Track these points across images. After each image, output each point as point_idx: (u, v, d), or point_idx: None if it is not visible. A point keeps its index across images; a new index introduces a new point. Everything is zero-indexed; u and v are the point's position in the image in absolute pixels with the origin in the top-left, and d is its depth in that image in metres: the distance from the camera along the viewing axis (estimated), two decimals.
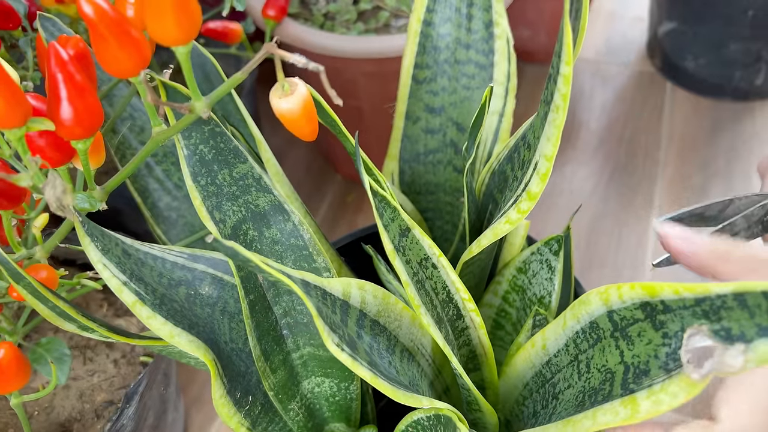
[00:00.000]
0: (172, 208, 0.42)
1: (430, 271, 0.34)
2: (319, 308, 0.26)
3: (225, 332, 0.34)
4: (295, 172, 0.76)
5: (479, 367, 0.39)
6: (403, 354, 0.36)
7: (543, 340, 0.35)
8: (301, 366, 0.37)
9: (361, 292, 0.31)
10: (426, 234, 0.33)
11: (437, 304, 0.34)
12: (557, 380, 0.35)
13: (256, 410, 0.36)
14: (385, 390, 0.29)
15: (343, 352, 0.27)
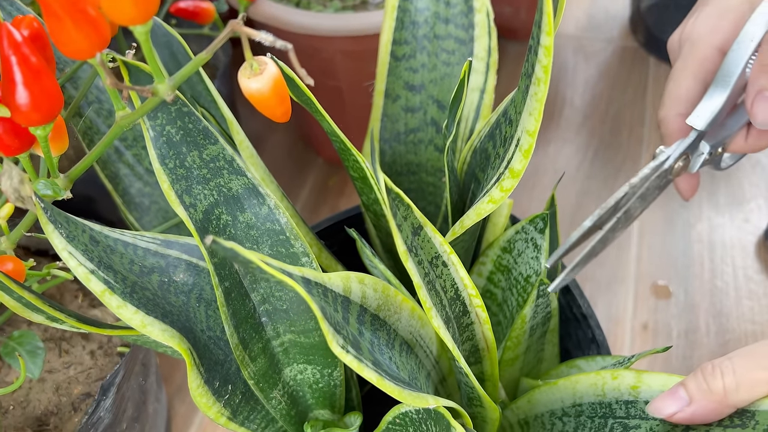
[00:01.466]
0: (145, 194, 0.41)
1: (440, 269, 0.33)
2: (323, 308, 0.25)
3: (201, 320, 0.33)
4: (275, 157, 0.75)
5: (480, 361, 0.39)
6: (402, 347, 0.35)
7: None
8: (282, 353, 0.36)
9: (361, 287, 0.30)
10: (436, 231, 0.32)
11: (445, 303, 0.34)
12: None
13: (236, 399, 0.35)
14: (392, 392, 0.28)
15: (348, 354, 0.26)
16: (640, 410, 0.33)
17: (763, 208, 0.68)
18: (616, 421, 0.34)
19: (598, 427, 0.34)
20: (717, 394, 0.28)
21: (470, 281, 0.33)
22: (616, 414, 0.34)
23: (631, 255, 0.66)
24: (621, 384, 0.34)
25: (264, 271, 0.23)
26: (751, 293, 0.62)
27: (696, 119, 0.36)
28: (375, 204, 0.39)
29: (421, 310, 0.35)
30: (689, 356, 0.59)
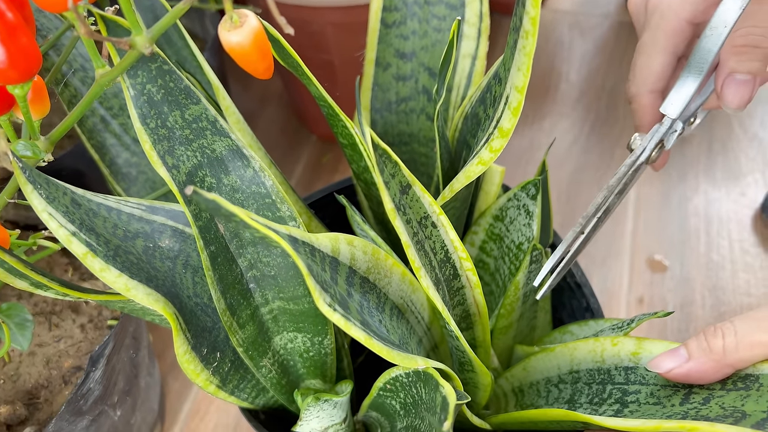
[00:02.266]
0: (132, 164, 0.40)
1: (429, 230, 0.33)
2: (309, 266, 0.25)
3: (188, 286, 0.33)
4: (268, 134, 0.74)
5: (471, 326, 0.38)
6: (392, 311, 0.35)
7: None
8: (272, 321, 0.36)
9: (350, 248, 0.30)
10: (425, 190, 0.32)
11: (435, 265, 0.33)
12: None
13: (225, 367, 0.35)
14: (380, 351, 0.27)
15: (336, 312, 0.25)
16: (640, 376, 0.33)
17: (760, 182, 0.68)
18: (615, 387, 0.33)
19: (596, 393, 0.34)
20: (716, 353, 0.28)
21: (460, 243, 0.33)
22: (615, 380, 0.33)
23: (626, 229, 0.65)
24: (621, 350, 0.33)
25: (248, 226, 0.22)
26: (747, 266, 0.62)
27: (670, 107, 0.35)
28: (365, 172, 0.39)
29: (411, 275, 0.35)
30: (684, 329, 0.58)
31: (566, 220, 0.66)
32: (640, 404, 0.32)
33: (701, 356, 0.29)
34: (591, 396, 0.34)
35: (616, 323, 0.37)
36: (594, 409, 0.33)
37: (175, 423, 0.55)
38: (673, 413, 0.29)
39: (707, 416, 0.27)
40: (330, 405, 0.35)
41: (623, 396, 0.33)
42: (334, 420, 0.36)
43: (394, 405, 0.35)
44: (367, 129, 0.26)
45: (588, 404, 0.34)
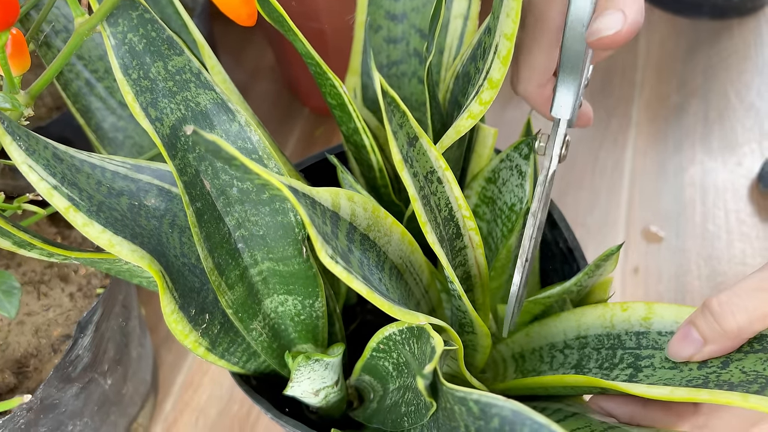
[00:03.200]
0: (118, 128, 0.39)
1: (435, 185, 0.32)
2: (311, 217, 0.24)
3: (175, 246, 0.32)
4: (260, 107, 0.73)
5: (472, 289, 0.38)
6: (392, 271, 0.34)
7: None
8: (261, 283, 0.35)
9: (350, 204, 0.29)
10: (432, 144, 0.31)
11: (440, 222, 0.33)
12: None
13: (214, 329, 0.35)
14: (382, 305, 0.27)
15: (338, 264, 0.25)
16: (652, 341, 0.32)
17: (756, 152, 0.67)
18: (626, 352, 0.33)
19: (606, 358, 0.34)
20: (731, 333, 0.28)
21: (464, 201, 0.33)
22: (626, 345, 0.33)
23: (622, 199, 0.65)
24: (631, 315, 0.33)
25: (249, 170, 0.21)
26: (743, 236, 0.62)
27: (561, 111, 0.34)
28: (355, 134, 0.38)
29: (410, 235, 0.34)
30: (680, 299, 0.58)
31: (561, 191, 0.65)
32: (655, 368, 0.31)
33: (718, 339, 0.28)
34: (600, 361, 0.34)
35: (590, 269, 0.36)
36: (605, 374, 0.33)
37: (168, 395, 0.55)
38: (693, 377, 0.28)
39: (730, 382, 0.27)
40: (321, 366, 0.34)
41: (636, 361, 0.32)
42: (325, 382, 0.36)
43: (387, 366, 0.35)
44: (376, 74, 0.26)
45: (598, 369, 0.34)
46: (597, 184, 0.66)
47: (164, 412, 0.54)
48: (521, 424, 0.20)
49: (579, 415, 0.34)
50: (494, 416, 0.21)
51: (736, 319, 0.27)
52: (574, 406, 0.36)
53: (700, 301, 0.58)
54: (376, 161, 0.38)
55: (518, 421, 0.21)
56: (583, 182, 0.66)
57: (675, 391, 0.27)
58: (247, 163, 0.21)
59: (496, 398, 0.21)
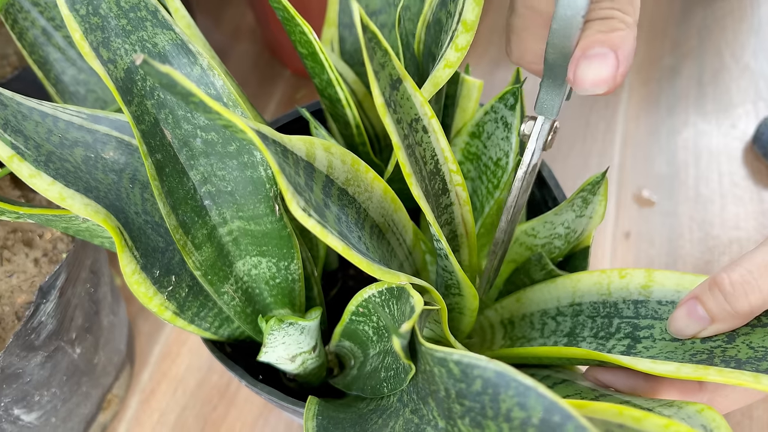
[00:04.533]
0: (80, 81, 0.37)
1: (420, 135, 0.29)
2: (281, 165, 0.22)
3: (136, 203, 0.30)
4: (240, 69, 0.70)
5: (458, 249, 0.36)
6: (372, 230, 0.32)
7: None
8: (232, 243, 0.33)
9: (327, 155, 0.27)
10: (417, 88, 0.28)
11: (425, 175, 0.30)
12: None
13: (182, 292, 0.33)
14: (360, 263, 0.25)
15: (311, 218, 0.23)
16: (651, 310, 0.30)
17: (751, 114, 0.65)
18: (623, 321, 0.31)
19: (601, 326, 0.32)
20: (744, 314, 0.26)
21: (451, 154, 0.30)
22: (623, 314, 0.31)
23: (613, 163, 0.63)
24: (630, 283, 0.31)
25: (210, 109, 0.19)
26: (736, 199, 0.60)
27: (545, 110, 0.32)
28: (329, 87, 0.36)
29: (393, 192, 0.32)
30: (672, 264, 0.57)
31: (552, 154, 0.63)
32: (655, 340, 0.29)
33: (727, 319, 0.26)
34: (595, 330, 0.32)
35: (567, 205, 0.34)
36: (600, 344, 0.31)
37: (145, 365, 0.53)
38: (696, 351, 0.27)
39: (737, 358, 0.25)
40: (296, 330, 0.32)
41: (634, 331, 0.30)
42: (302, 347, 0.34)
43: (367, 331, 0.33)
44: (355, 6, 0.23)
45: (592, 338, 0.32)
46: (588, 149, 0.64)
47: (141, 382, 0.52)
48: (506, 387, 0.19)
49: (569, 382, 0.33)
50: (476, 378, 0.19)
51: (750, 300, 0.25)
52: (564, 373, 0.34)
53: (693, 265, 0.56)
54: (353, 116, 0.36)
55: (502, 383, 0.19)
56: (573, 147, 0.64)
57: (681, 368, 0.25)
58: (207, 100, 0.19)
59: (479, 358, 0.19)
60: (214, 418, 0.51)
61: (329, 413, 0.30)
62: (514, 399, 0.18)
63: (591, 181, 0.32)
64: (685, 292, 0.30)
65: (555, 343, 0.33)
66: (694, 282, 0.30)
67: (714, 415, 0.23)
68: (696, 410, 0.23)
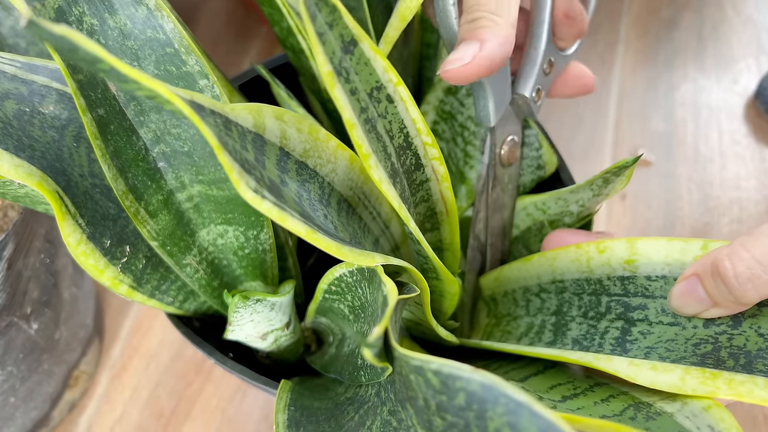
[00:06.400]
0: (18, 33, 0.33)
1: (384, 105, 0.25)
2: (223, 140, 0.19)
3: (81, 164, 0.27)
4: (213, 27, 0.66)
5: (437, 227, 0.32)
6: (340, 206, 0.28)
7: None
8: (193, 210, 0.30)
9: (279, 124, 0.23)
10: (378, 51, 0.25)
11: (392, 152, 0.27)
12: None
13: (138, 264, 0.29)
14: (327, 246, 0.21)
15: (265, 200, 0.19)
16: (641, 287, 0.27)
17: (753, 69, 0.62)
18: (612, 300, 0.28)
19: (590, 305, 0.29)
20: (749, 304, 0.23)
21: (425, 125, 0.27)
22: (611, 291, 0.28)
23: (608, 121, 0.60)
24: (611, 258, 0.28)
25: (124, 77, 0.16)
26: (737, 158, 0.57)
27: (482, 117, 0.31)
28: (290, 36, 0.32)
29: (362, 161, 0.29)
30: (670, 226, 0.54)
31: (543, 115, 0.60)
32: (651, 324, 0.26)
33: (731, 306, 0.24)
34: (584, 309, 0.29)
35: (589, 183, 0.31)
36: (592, 326, 0.28)
37: (115, 339, 0.50)
38: (700, 340, 0.24)
39: (746, 350, 0.22)
40: (265, 306, 0.29)
41: (626, 312, 0.27)
42: (273, 324, 0.31)
43: (343, 309, 0.30)
44: None
45: (582, 318, 0.29)
46: (582, 106, 0.61)
47: (111, 358, 0.49)
48: (493, 402, 0.16)
49: (560, 367, 0.30)
50: (459, 391, 0.16)
51: (759, 293, 0.22)
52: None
53: (691, 227, 0.54)
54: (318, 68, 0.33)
55: (490, 399, 0.16)
56: (566, 104, 0.61)
57: (687, 380, 0.22)
58: (120, 66, 0.15)
59: (461, 368, 0.16)
60: (189, 394, 0.48)
61: (303, 402, 0.27)
62: (503, 418, 0.15)
63: (620, 164, 0.29)
64: (676, 264, 0.26)
65: (542, 321, 0.30)
66: (684, 250, 0.26)
67: (722, 414, 0.20)
68: (702, 407, 0.21)
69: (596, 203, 0.32)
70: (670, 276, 0.26)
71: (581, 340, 0.27)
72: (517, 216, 0.35)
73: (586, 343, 0.27)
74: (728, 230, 0.53)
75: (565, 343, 0.28)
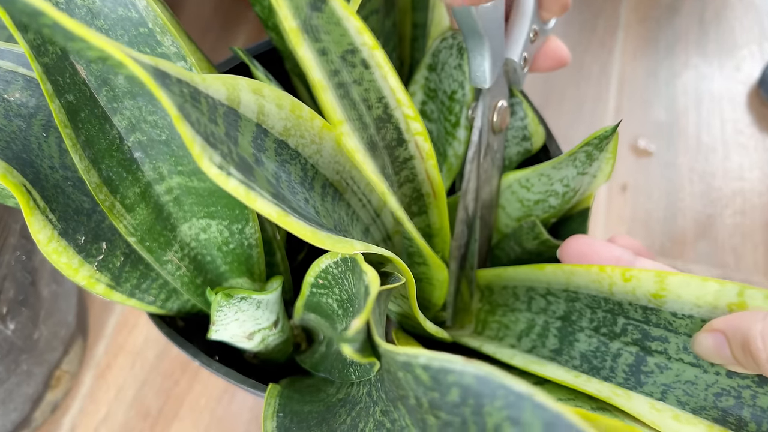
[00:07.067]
0: None
1: (359, 71, 0.23)
2: (185, 110, 0.17)
3: (52, 155, 0.25)
4: (200, 14, 0.64)
5: (425, 210, 0.30)
6: (325, 190, 0.26)
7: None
8: (173, 204, 0.28)
9: (257, 98, 0.21)
10: (351, 11, 0.22)
11: (369, 123, 0.25)
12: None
13: (116, 262, 0.28)
14: (300, 230, 0.19)
15: (231, 177, 0.17)
16: (664, 320, 0.25)
17: (756, 55, 0.61)
18: (630, 323, 0.26)
19: (604, 321, 0.27)
20: None
21: (406, 94, 0.25)
22: (630, 315, 0.26)
23: (608, 109, 0.58)
24: (636, 289, 0.25)
25: (71, 34, 0.14)
26: (740, 147, 0.56)
27: (478, 79, 0.30)
28: (272, 15, 0.30)
29: None
30: (671, 217, 0.52)
31: (543, 101, 0.58)
32: (670, 358, 0.25)
33: (756, 371, 0.22)
34: (596, 324, 0.27)
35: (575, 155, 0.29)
36: (603, 342, 0.26)
37: (99, 337, 0.48)
38: (721, 390, 0.22)
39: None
40: (250, 305, 0.28)
41: (644, 340, 0.25)
42: (260, 324, 0.30)
43: (331, 304, 0.28)
44: None
45: (592, 332, 0.27)
46: (582, 93, 0.59)
47: (95, 356, 0.48)
48: (491, 396, 0.14)
49: None
50: (452, 386, 0.15)
51: None
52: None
53: (693, 219, 0.52)
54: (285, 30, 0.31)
55: (486, 392, 0.14)
56: (566, 91, 0.59)
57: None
58: (63, 20, 0.13)
59: (452, 362, 0.14)
60: (176, 393, 0.47)
61: (292, 406, 0.25)
62: (503, 412, 0.14)
63: (598, 134, 0.27)
64: (707, 308, 0.24)
65: (546, 322, 0.29)
66: (718, 294, 0.23)
67: None
68: None
69: (584, 185, 0.31)
70: (698, 317, 0.24)
71: (590, 357, 0.26)
72: (502, 195, 0.34)
73: (596, 363, 0.25)
74: (731, 222, 0.52)
75: (573, 356, 0.26)
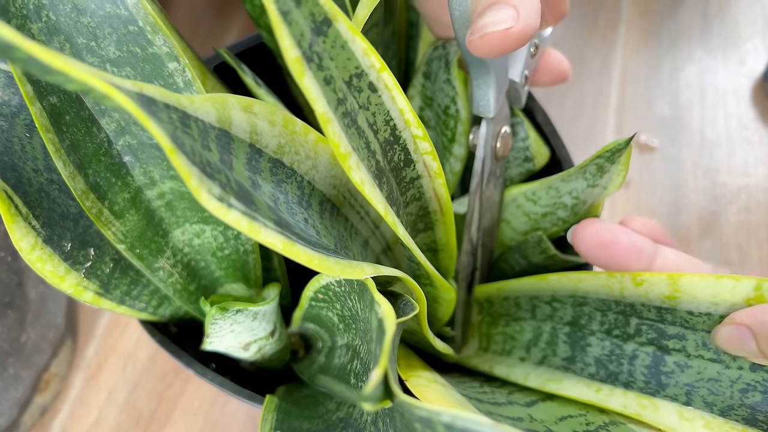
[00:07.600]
0: None
1: (365, 95, 0.22)
2: (178, 139, 0.15)
3: (36, 157, 0.23)
4: (191, 7, 0.62)
5: (431, 227, 0.29)
6: (323, 207, 0.25)
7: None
8: (166, 209, 0.27)
9: (248, 117, 0.20)
10: (357, 32, 0.21)
11: (376, 149, 0.23)
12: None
13: (105, 268, 0.26)
14: (308, 260, 0.19)
15: (232, 209, 0.16)
16: (680, 318, 0.24)
17: (761, 48, 0.59)
18: (644, 323, 0.25)
19: (615, 323, 0.26)
20: None
21: (414, 116, 0.24)
22: (643, 315, 0.25)
23: (610, 104, 0.57)
24: (648, 292, 0.25)
25: (49, 68, 0.12)
26: (745, 143, 0.55)
27: (481, 109, 0.29)
28: (263, 14, 0.29)
29: None
30: (675, 213, 0.51)
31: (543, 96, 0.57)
32: (689, 356, 0.24)
33: None
34: (608, 326, 0.26)
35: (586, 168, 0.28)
36: (617, 345, 0.25)
37: (90, 338, 0.47)
38: (746, 386, 0.21)
39: None
40: (247, 316, 0.26)
41: (660, 338, 0.24)
42: (256, 334, 0.28)
43: (332, 317, 0.27)
44: None
45: (604, 335, 0.26)
46: (583, 88, 0.58)
47: (86, 358, 0.46)
48: None
49: None
50: None
51: None
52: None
53: (698, 215, 0.51)
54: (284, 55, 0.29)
55: None
56: (567, 86, 0.58)
57: None
58: (38, 53, 0.12)
59: (479, 423, 0.13)
60: (169, 396, 0.45)
61: (290, 422, 0.24)
62: None
63: (611, 147, 0.26)
64: (724, 305, 0.23)
65: (553, 329, 0.27)
66: (734, 289, 0.23)
67: None
68: None
69: (594, 197, 0.29)
70: (716, 314, 0.23)
71: (606, 362, 0.25)
72: (507, 209, 0.32)
73: (613, 368, 0.24)
74: (736, 219, 0.51)
75: (587, 363, 0.25)
